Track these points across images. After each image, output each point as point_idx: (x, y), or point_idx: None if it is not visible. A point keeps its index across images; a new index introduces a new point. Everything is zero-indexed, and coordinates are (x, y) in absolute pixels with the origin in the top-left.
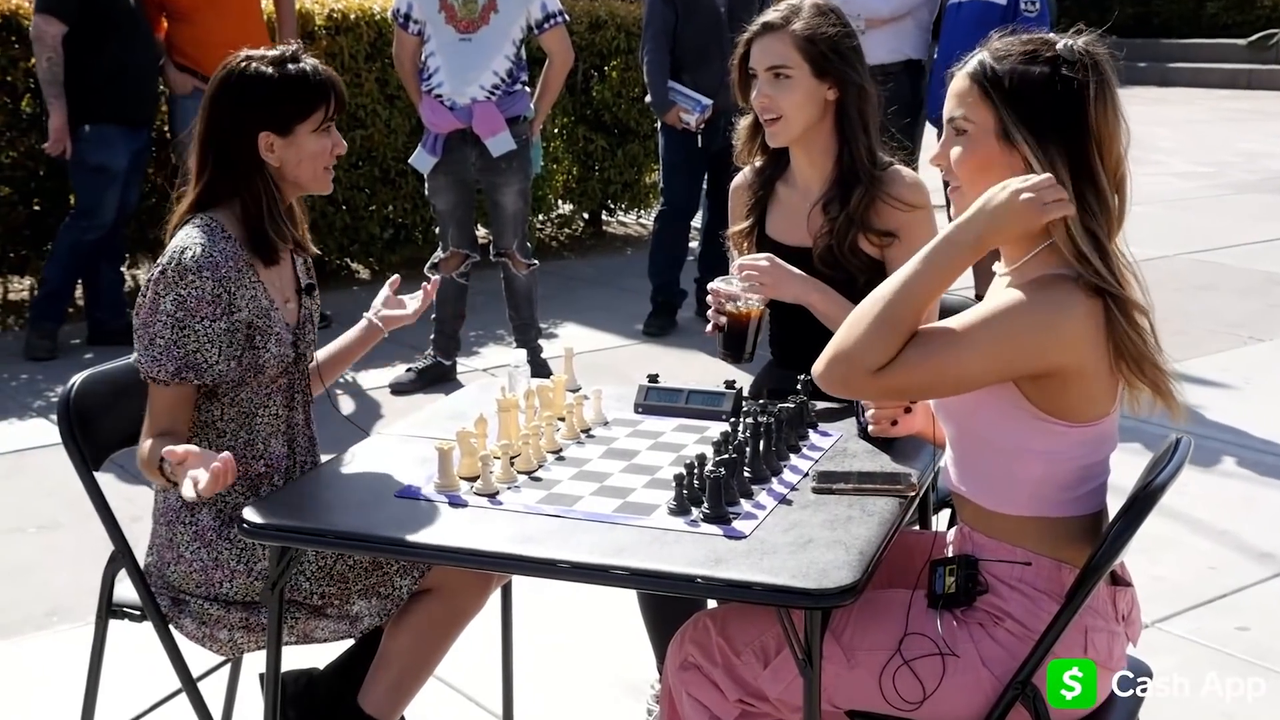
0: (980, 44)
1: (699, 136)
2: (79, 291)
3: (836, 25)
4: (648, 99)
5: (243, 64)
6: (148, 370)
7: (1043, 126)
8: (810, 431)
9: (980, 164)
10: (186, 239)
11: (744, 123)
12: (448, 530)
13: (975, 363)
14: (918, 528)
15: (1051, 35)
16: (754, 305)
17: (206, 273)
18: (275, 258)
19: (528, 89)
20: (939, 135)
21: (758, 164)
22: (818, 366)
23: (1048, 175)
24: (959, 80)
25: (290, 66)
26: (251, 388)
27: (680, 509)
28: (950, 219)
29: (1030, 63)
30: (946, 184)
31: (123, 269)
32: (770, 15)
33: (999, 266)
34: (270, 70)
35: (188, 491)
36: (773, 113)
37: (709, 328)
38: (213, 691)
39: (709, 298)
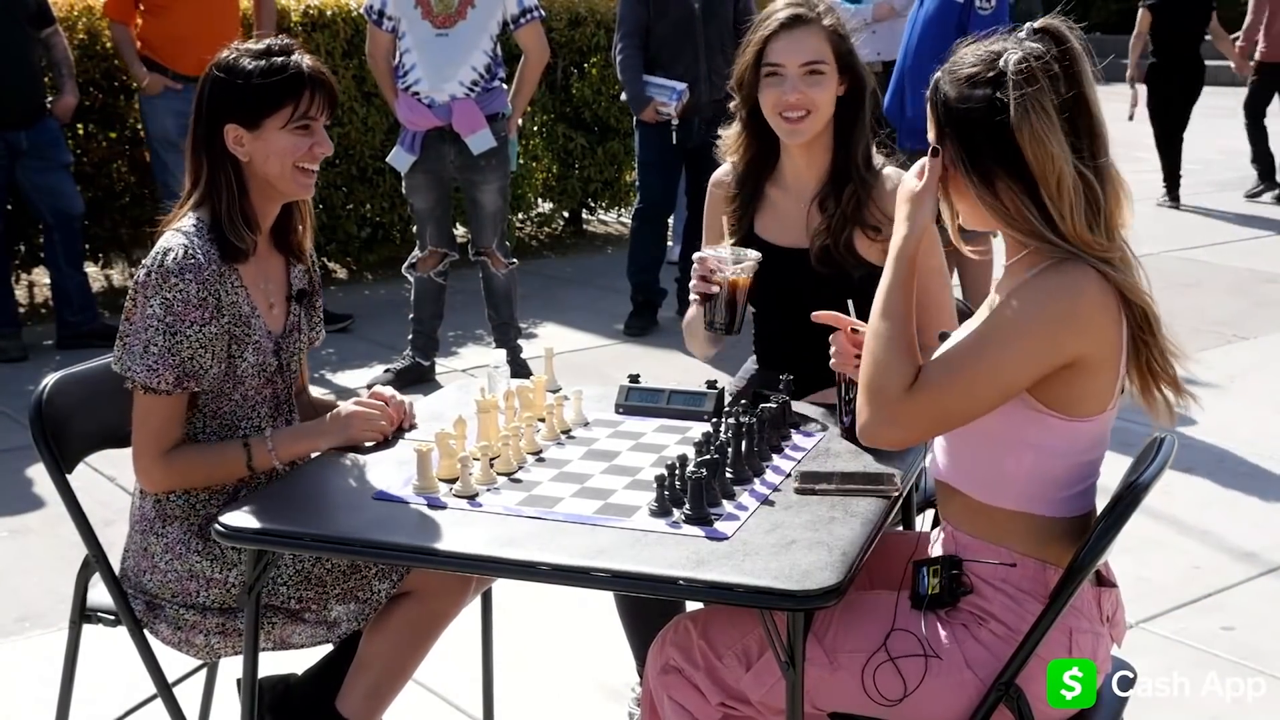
0: (945, 53)
1: (674, 134)
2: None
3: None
4: (623, 97)
5: (229, 56)
6: (145, 381)
7: (980, 150)
8: (793, 431)
9: (951, 185)
10: (168, 241)
11: (731, 131)
12: (426, 532)
13: (1008, 364)
14: (901, 528)
15: (999, 47)
16: (741, 274)
17: (189, 275)
18: (240, 257)
19: (505, 85)
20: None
21: (738, 170)
22: (860, 425)
23: (920, 161)
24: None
25: (267, 60)
26: (234, 400)
27: (662, 510)
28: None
29: (973, 85)
30: None
31: (90, 268)
32: (794, 8)
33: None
34: (248, 62)
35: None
36: (806, 109)
37: (692, 298)
38: (188, 697)
39: (694, 266)
